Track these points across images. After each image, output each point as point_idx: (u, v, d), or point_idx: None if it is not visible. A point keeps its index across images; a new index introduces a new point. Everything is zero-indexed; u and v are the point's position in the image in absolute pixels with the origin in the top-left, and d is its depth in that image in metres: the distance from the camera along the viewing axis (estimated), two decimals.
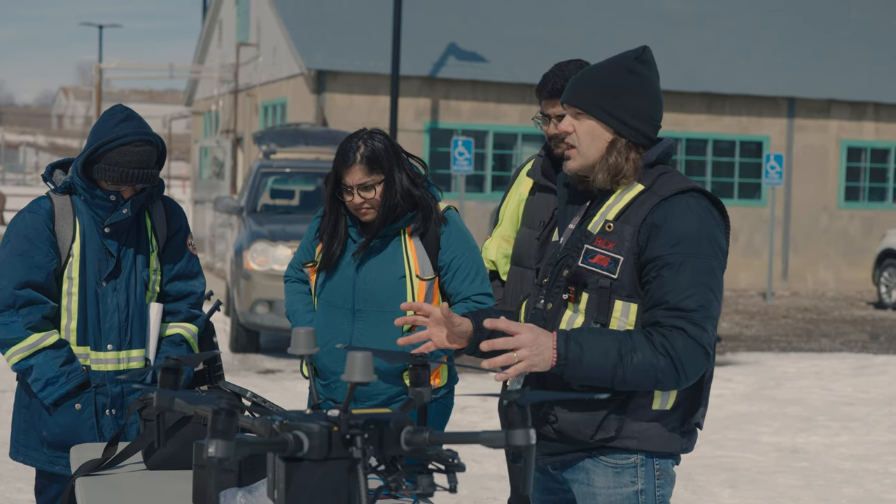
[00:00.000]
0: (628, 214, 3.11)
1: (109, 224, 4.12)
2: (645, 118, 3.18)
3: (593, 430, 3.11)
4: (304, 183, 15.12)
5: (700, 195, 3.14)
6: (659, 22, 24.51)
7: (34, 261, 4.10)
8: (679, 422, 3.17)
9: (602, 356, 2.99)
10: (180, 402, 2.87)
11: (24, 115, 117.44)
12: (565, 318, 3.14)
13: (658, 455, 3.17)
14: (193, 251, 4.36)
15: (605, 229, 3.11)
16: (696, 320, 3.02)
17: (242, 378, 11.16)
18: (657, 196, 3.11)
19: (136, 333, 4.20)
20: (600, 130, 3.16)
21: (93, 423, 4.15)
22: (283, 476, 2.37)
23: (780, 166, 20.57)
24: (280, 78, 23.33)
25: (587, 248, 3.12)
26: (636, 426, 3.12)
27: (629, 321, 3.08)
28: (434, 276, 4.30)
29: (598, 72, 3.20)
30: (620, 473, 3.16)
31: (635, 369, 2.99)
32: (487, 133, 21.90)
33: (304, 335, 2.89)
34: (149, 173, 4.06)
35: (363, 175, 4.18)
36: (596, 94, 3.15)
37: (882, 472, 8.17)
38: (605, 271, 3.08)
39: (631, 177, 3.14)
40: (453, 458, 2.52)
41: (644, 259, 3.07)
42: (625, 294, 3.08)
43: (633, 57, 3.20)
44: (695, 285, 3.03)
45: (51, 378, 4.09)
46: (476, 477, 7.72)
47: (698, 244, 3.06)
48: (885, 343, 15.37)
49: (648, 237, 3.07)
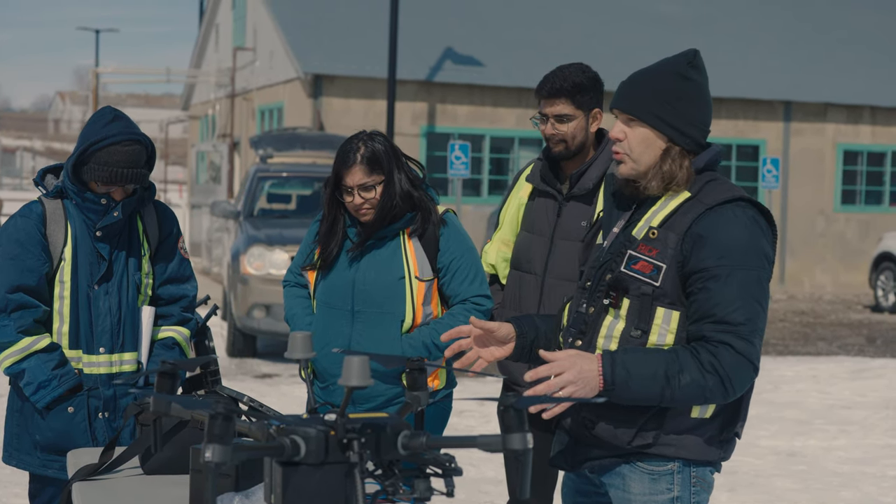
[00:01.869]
0: (672, 222, 3.08)
1: (101, 227, 4.12)
2: (698, 125, 3.15)
3: (631, 437, 3.10)
4: (301, 187, 15.12)
5: (747, 204, 3.10)
6: (655, 25, 24.53)
7: (26, 265, 4.11)
8: (718, 430, 3.14)
9: (650, 379, 2.96)
10: (177, 406, 2.86)
11: (21, 120, 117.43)
12: (606, 324, 3.12)
13: (695, 463, 3.14)
14: (185, 255, 4.36)
15: (649, 236, 3.09)
16: (744, 334, 2.99)
17: (239, 382, 11.16)
18: (703, 205, 3.07)
19: (129, 336, 4.19)
20: (654, 138, 3.12)
21: (85, 426, 4.14)
22: (279, 480, 2.37)
23: (776, 170, 20.59)
24: (277, 82, 23.33)
25: (630, 253, 3.10)
26: (674, 433, 3.09)
27: (670, 328, 3.05)
28: (433, 277, 4.30)
29: (651, 78, 3.16)
30: (657, 480, 3.13)
31: (683, 390, 2.97)
32: (484, 137, 21.91)
33: (301, 339, 2.89)
34: (138, 173, 4.06)
35: (363, 175, 4.19)
36: (651, 102, 3.12)
37: (879, 476, 8.18)
38: (648, 278, 3.06)
39: (683, 184, 3.11)
40: (450, 463, 2.51)
41: (689, 269, 3.04)
42: (667, 301, 3.05)
43: (687, 62, 3.17)
44: (742, 298, 3.00)
45: (42, 382, 4.08)
46: (473, 481, 7.72)
47: (745, 255, 3.03)
48: (882, 346, 15.38)
49: (693, 247, 3.04)
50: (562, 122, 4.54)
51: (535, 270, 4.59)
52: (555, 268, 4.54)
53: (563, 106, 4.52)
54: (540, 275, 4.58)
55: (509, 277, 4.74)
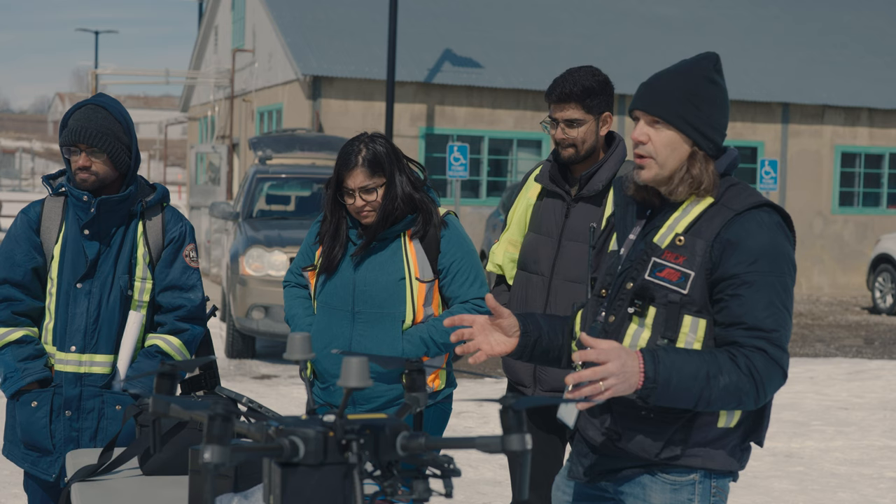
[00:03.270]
0: (699, 228, 3.04)
1: (85, 225, 4.14)
2: (719, 129, 3.10)
3: (659, 449, 3.05)
4: (300, 188, 15.12)
5: (772, 210, 3.07)
6: (653, 27, 24.53)
7: (14, 259, 4.17)
8: (741, 439, 3.12)
9: (691, 379, 2.91)
10: (176, 407, 2.87)
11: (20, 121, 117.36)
12: (630, 333, 3.07)
13: (717, 473, 3.12)
14: (191, 263, 4.27)
15: (676, 243, 3.04)
16: (776, 341, 2.98)
17: (238, 383, 11.16)
18: (731, 210, 3.03)
19: (104, 338, 4.15)
20: (680, 142, 3.06)
21: (46, 422, 4.13)
22: (278, 481, 2.38)
23: (774, 171, 20.60)
24: (276, 84, 23.33)
25: (655, 261, 3.04)
26: (700, 444, 3.06)
27: (698, 336, 3.01)
28: (433, 278, 4.31)
29: (676, 80, 3.10)
30: (678, 490, 3.10)
31: (721, 392, 2.93)
32: (483, 138, 21.91)
33: (300, 340, 2.89)
34: (95, 133, 4.06)
35: (365, 178, 4.20)
36: (678, 105, 3.06)
37: (877, 477, 8.18)
38: (675, 286, 3.00)
39: (710, 189, 3.06)
40: (449, 464, 2.52)
41: (718, 276, 3.00)
42: (694, 309, 3.01)
43: (712, 66, 3.13)
44: (773, 305, 2.98)
45: (8, 373, 4.12)
46: (472, 482, 7.73)
47: (774, 262, 3.00)
48: (879, 348, 15.38)
49: (722, 254, 2.99)
50: (572, 126, 4.51)
51: (542, 271, 4.58)
52: (562, 269, 4.53)
53: (573, 110, 4.49)
54: (547, 276, 4.57)
55: (516, 278, 4.73)
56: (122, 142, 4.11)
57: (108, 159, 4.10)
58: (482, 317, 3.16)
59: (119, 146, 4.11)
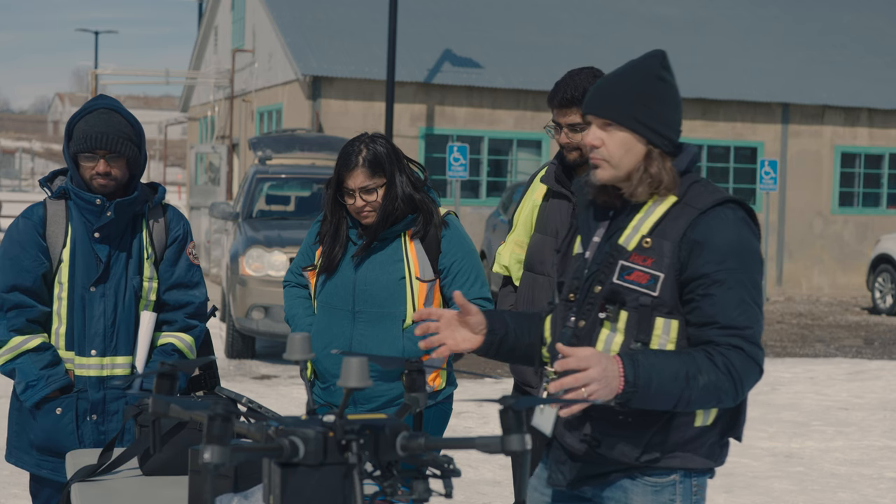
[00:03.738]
0: (664, 228, 3.03)
1: (97, 229, 4.13)
2: (673, 126, 3.09)
3: (639, 453, 3.04)
4: (300, 189, 15.12)
5: (736, 206, 3.06)
6: (653, 28, 24.53)
7: (23, 265, 4.13)
8: (718, 436, 3.12)
9: (671, 381, 2.90)
10: (176, 407, 2.87)
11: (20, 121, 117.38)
12: (602, 337, 3.05)
13: (696, 472, 3.11)
14: (194, 260, 4.33)
15: (643, 245, 3.02)
16: (751, 338, 2.98)
17: (238, 384, 11.16)
18: (695, 209, 3.02)
19: (123, 340, 4.17)
20: (633, 142, 3.05)
21: (73, 428, 4.14)
22: (278, 482, 2.38)
23: (774, 172, 20.59)
24: (275, 84, 23.33)
25: (623, 264, 3.02)
26: (679, 444, 3.06)
27: (670, 338, 3.01)
28: (434, 278, 4.31)
29: (625, 81, 3.09)
30: (660, 492, 3.09)
31: (701, 392, 2.93)
32: (482, 139, 21.91)
33: (300, 340, 2.89)
34: (115, 139, 4.06)
35: (365, 178, 4.20)
36: (629, 106, 3.05)
37: (877, 477, 8.18)
38: (645, 289, 2.99)
39: (671, 188, 3.04)
40: (449, 464, 2.52)
41: (688, 276, 2.99)
42: (666, 311, 3.00)
43: (659, 63, 3.12)
44: (745, 302, 2.98)
45: (31, 381, 4.10)
46: (472, 482, 7.73)
47: (742, 259, 3.00)
48: (879, 348, 15.38)
49: (690, 254, 2.99)
50: (575, 130, 4.48)
51: (548, 272, 4.58)
52: None
53: (576, 115, 4.45)
54: (553, 276, 4.57)
55: (522, 279, 4.72)
56: (136, 145, 4.14)
57: (124, 163, 4.13)
58: (449, 311, 3.14)
59: (135, 150, 4.14)
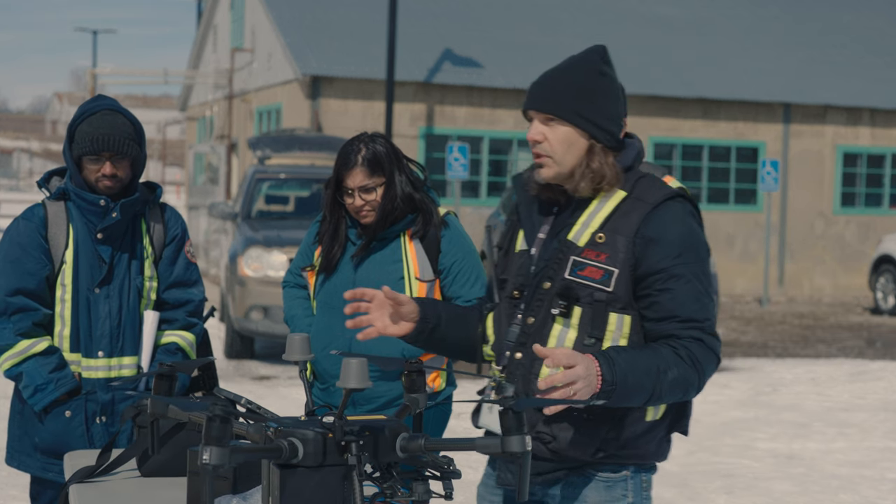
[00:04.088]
0: (615, 224, 3.02)
1: (101, 230, 4.12)
2: (615, 120, 3.08)
3: (594, 449, 3.03)
4: (299, 189, 15.12)
5: (683, 199, 3.07)
6: (654, 28, 24.54)
7: (26, 268, 4.11)
8: (666, 430, 3.12)
9: (644, 376, 2.90)
10: (174, 408, 2.85)
11: (18, 121, 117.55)
12: (554, 334, 3.03)
13: (644, 467, 3.12)
14: (192, 259, 4.34)
15: (596, 240, 3.01)
16: (709, 329, 3.01)
17: (237, 384, 11.15)
18: (646, 203, 3.02)
19: (129, 341, 4.17)
20: (576, 137, 3.04)
21: (83, 430, 4.13)
22: (277, 483, 2.36)
23: (776, 172, 20.60)
24: (275, 83, 23.34)
25: (575, 259, 3.02)
26: (631, 439, 3.05)
27: (623, 333, 3.01)
28: (434, 278, 4.30)
29: (567, 76, 3.08)
30: (612, 488, 3.09)
31: (670, 385, 2.94)
32: (483, 139, 21.91)
33: (299, 341, 2.88)
34: (121, 141, 4.06)
35: (364, 177, 4.19)
36: (571, 100, 3.04)
37: (878, 479, 8.17)
38: (600, 284, 2.99)
39: (614, 182, 3.04)
40: (449, 465, 2.50)
41: (644, 271, 2.99)
42: (619, 307, 3.00)
43: (600, 58, 3.10)
44: (702, 294, 3.00)
45: (40, 385, 4.08)
46: (471, 483, 7.69)
47: (696, 252, 3.03)
48: (881, 349, 15.38)
49: (645, 248, 2.99)
50: None
51: None
52: None
53: None
54: None
55: None
56: (139, 145, 4.14)
57: (128, 164, 4.12)
58: (382, 293, 3.10)
59: (138, 150, 4.14)
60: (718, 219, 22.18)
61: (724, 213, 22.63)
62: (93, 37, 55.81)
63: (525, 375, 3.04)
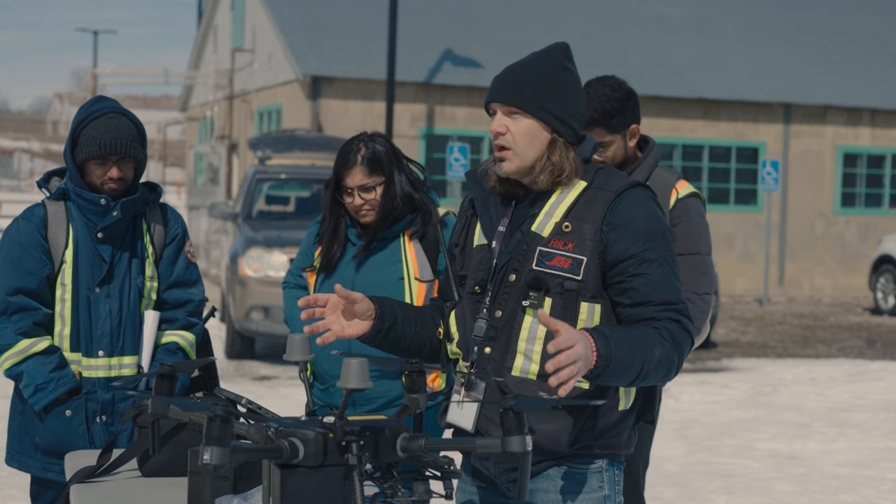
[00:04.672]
0: (580, 212, 3.03)
1: (101, 229, 4.12)
2: (578, 116, 3.11)
3: (572, 439, 3.02)
4: (300, 189, 15.11)
5: (643, 187, 3.10)
6: (655, 28, 24.54)
7: (26, 267, 4.11)
8: (634, 420, 3.14)
9: (635, 352, 2.90)
10: (175, 408, 2.86)
11: (19, 121, 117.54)
12: (526, 325, 3.02)
13: (617, 460, 3.13)
14: (192, 258, 4.35)
15: (562, 229, 3.02)
16: (684, 311, 3.02)
17: (238, 385, 11.15)
18: (609, 192, 3.04)
19: (129, 340, 4.18)
20: (539, 130, 3.06)
21: (83, 429, 4.13)
22: (278, 483, 2.36)
23: (776, 172, 20.59)
24: (275, 84, 23.33)
25: (541, 249, 3.02)
26: (606, 430, 3.05)
27: (594, 322, 3.01)
28: (433, 278, 4.30)
29: (530, 71, 3.10)
30: (588, 479, 3.08)
31: (657, 363, 2.94)
32: (483, 139, 21.91)
33: (300, 342, 2.88)
34: (127, 144, 4.07)
35: (364, 177, 4.20)
36: (534, 94, 3.06)
37: (878, 479, 8.17)
38: (569, 273, 2.99)
39: (573, 176, 3.06)
40: (449, 465, 2.51)
41: (614, 258, 2.99)
42: (589, 295, 3.00)
43: (563, 54, 3.13)
44: (674, 277, 3.03)
45: (40, 384, 4.08)
46: None
47: (662, 236, 3.05)
48: (881, 349, 15.38)
49: (614, 234, 3.00)
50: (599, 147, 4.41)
51: None
52: None
53: (597, 134, 4.35)
54: None
55: None
56: (142, 146, 4.16)
57: (133, 166, 4.14)
58: (336, 296, 3.08)
59: (142, 152, 4.15)
60: (718, 219, 22.16)
61: (724, 213, 22.62)
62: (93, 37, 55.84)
63: (496, 370, 3.03)
